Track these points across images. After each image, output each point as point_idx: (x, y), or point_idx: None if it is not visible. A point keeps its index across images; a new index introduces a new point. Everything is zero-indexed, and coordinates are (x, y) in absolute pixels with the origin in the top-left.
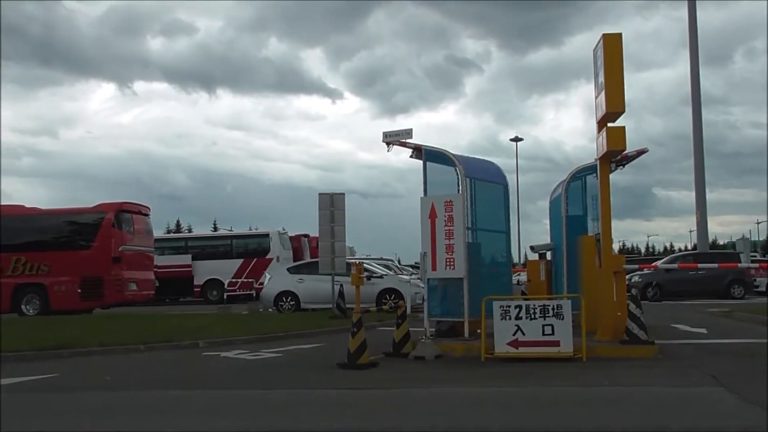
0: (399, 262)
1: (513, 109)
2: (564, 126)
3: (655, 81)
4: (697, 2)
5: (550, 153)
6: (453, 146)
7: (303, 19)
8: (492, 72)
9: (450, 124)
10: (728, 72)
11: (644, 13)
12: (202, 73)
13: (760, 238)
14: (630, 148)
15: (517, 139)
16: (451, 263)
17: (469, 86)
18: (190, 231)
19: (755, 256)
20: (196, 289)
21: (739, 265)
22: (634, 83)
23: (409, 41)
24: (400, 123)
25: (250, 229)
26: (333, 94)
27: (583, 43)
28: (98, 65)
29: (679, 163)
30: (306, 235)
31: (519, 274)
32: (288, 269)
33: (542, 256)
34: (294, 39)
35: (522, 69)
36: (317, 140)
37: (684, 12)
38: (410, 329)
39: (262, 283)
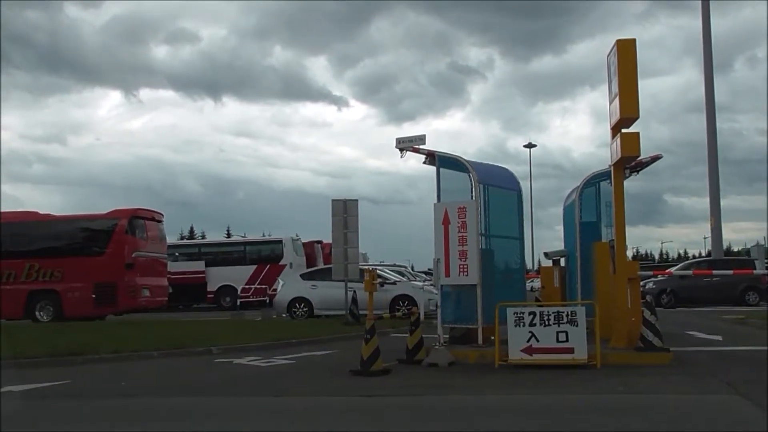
0: (412, 268)
1: (519, 117)
2: (571, 133)
3: (659, 89)
4: (710, 6)
5: (558, 160)
6: (461, 153)
7: (306, 27)
8: (496, 79)
9: (457, 131)
10: (731, 79)
11: (644, 22)
12: (207, 81)
13: None
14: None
15: (530, 146)
16: (465, 270)
17: (474, 94)
18: (203, 237)
19: None
20: (209, 296)
21: (753, 271)
22: (638, 91)
23: (412, 49)
24: (406, 130)
25: (264, 236)
26: (338, 102)
27: (586, 51)
28: (104, 73)
29: (688, 169)
30: (319, 242)
31: (533, 281)
32: (301, 276)
33: (556, 262)
34: (298, 47)
35: (526, 76)
36: (325, 147)
37: (684, 21)
38: (424, 336)
39: (275, 290)
